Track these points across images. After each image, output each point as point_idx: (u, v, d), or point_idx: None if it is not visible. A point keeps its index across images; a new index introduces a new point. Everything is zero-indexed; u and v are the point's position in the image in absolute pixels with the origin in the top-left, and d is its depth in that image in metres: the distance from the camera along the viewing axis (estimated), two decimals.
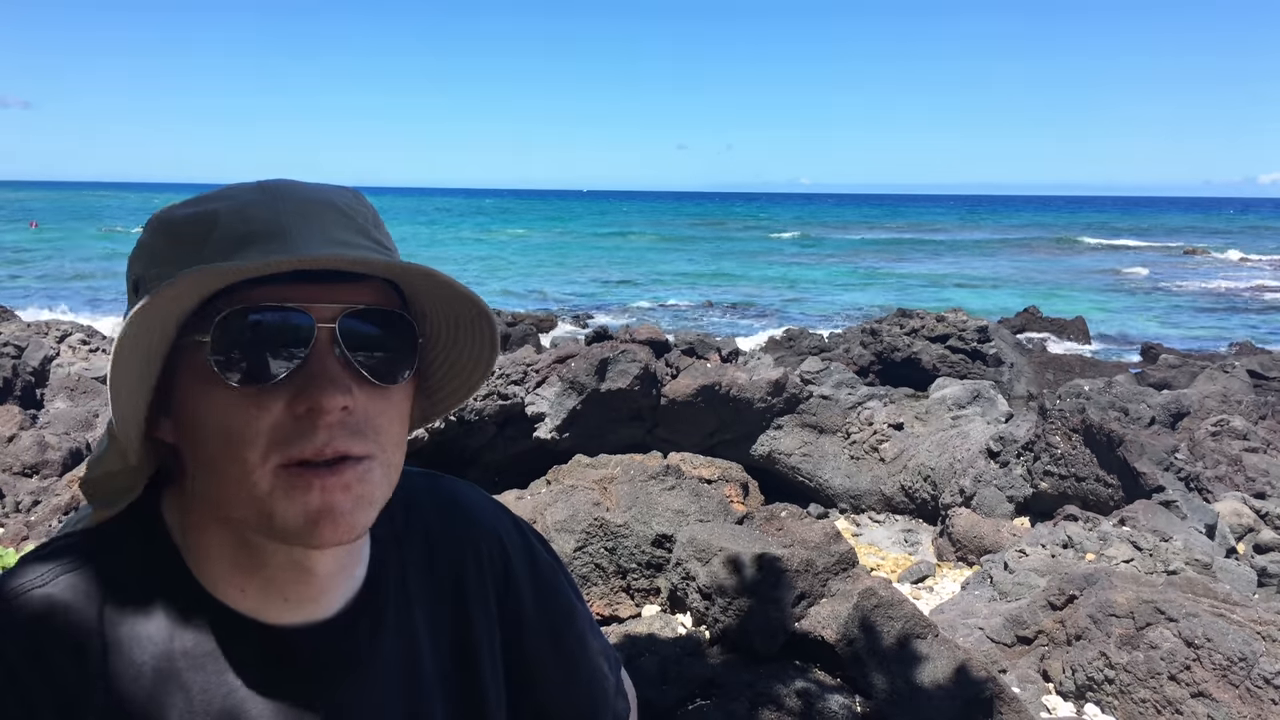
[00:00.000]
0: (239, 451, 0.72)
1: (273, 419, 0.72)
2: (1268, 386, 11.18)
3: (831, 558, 3.96)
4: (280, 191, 0.76)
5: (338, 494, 0.73)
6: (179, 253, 0.73)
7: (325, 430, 0.73)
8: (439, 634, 0.94)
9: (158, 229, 0.76)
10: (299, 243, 0.72)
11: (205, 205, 0.75)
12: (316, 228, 0.74)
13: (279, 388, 0.72)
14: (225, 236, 0.72)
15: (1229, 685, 3.72)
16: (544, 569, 1.06)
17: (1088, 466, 7.08)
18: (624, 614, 4.57)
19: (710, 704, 3.38)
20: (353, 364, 0.75)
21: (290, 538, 0.75)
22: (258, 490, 0.73)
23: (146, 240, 0.77)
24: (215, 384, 0.72)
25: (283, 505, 0.73)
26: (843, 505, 8.65)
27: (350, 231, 0.76)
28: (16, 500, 7.03)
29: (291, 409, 0.72)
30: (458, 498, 1.01)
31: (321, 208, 0.76)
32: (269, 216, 0.73)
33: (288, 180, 0.78)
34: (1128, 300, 29.39)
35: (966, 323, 12.68)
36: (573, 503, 4.79)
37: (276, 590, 0.81)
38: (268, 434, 0.72)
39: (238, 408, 0.72)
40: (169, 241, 0.75)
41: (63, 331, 10.21)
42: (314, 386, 0.72)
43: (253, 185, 0.77)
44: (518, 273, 36.62)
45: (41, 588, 0.76)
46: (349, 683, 0.84)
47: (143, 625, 0.77)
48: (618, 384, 8.30)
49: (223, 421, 0.72)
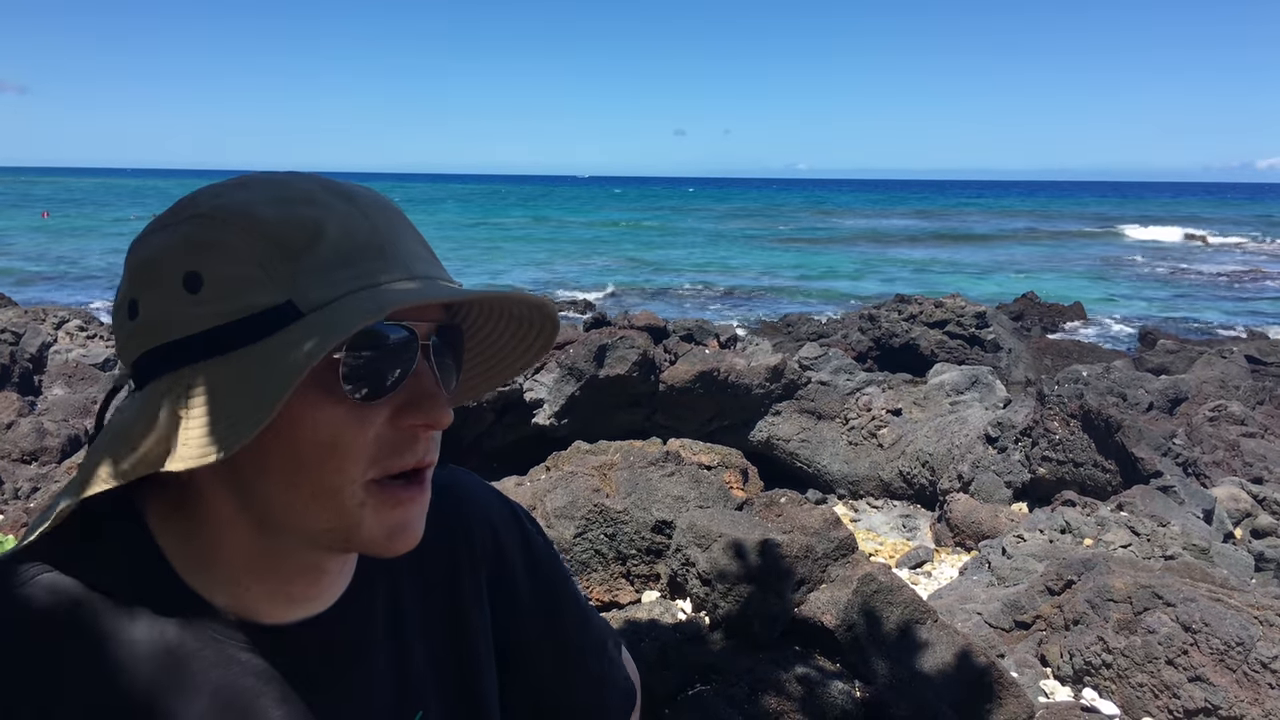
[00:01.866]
0: (344, 464, 0.73)
1: (376, 432, 0.74)
2: (1265, 371, 11.20)
3: (831, 543, 3.97)
4: (356, 198, 0.76)
5: (414, 509, 0.77)
6: (273, 257, 0.71)
7: (425, 442, 0.77)
8: (432, 622, 0.93)
9: (230, 226, 0.72)
10: (405, 260, 0.74)
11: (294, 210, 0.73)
12: (406, 243, 0.76)
13: (384, 403, 0.74)
14: (334, 247, 0.72)
15: (1226, 669, 3.74)
16: (540, 554, 1.05)
17: (1085, 452, 7.10)
18: (624, 600, 4.58)
19: (710, 689, 3.40)
20: (438, 378, 0.77)
21: (367, 547, 0.77)
22: (350, 502, 0.74)
23: (210, 235, 0.72)
24: (328, 397, 0.72)
25: (370, 520, 0.75)
26: (841, 491, 8.67)
27: (418, 243, 0.78)
28: (16, 487, 7.03)
29: (395, 422, 0.74)
30: (449, 483, 1.00)
31: (397, 218, 0.78)
32: (368, 229, 0.74)
33: (337, 181, 0.78)
34: (1126, 286, 29.41)
35: (965, 308, 12.69)
36: (572, 489, 4.80)
37: (283, 591, 0.80)
38: (371, 447, 0.73)
39: (347, 421, 0.72)
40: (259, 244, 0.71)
41: (60, 318, 10.19)
42: (425, 401, 0.75)
43: (317, 185, 0.76)
44: (515, 259, 36.57)
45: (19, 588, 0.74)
46: (340, 674, 0.84)
47: (125, 628, 0.75)
48: (616, 370, 8.30)
49: (332, 434, 0.72)
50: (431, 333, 0.76)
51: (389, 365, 0.73)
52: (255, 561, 0.78)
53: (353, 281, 0.71)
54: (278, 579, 0.80)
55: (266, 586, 0.80)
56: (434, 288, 0.73)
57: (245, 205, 0.73)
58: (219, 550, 0.78)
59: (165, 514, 0.79)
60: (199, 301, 0.70)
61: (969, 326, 12.49)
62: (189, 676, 0.76)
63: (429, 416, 0.75)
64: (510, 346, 0.90)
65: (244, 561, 0.78)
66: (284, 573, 0.80)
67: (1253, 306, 24.85)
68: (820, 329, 14.00)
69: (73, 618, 0.74)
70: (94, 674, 0.73)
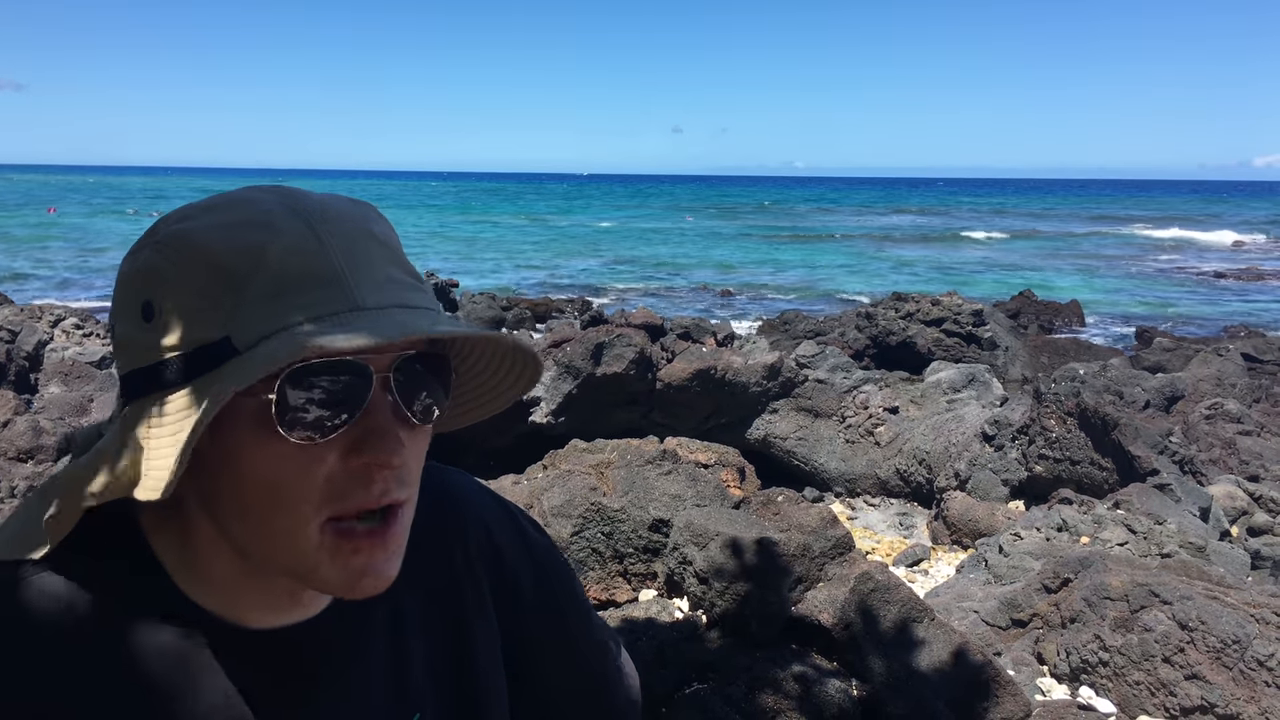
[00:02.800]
0: (291, 505, 0.70)
1: (327, 471, 0.70)
2: (1261, 370, 11.22)
3: (828, 542, 3.97)
4: (320, 221, 0.72)
5: (379, 554, 0.73)
6: (214, 288, 0.69)
7: (381, 482, 0.71)
8: (431, 626, 0.92)
9: (181, 254, 0.71)
10: (356, 289, 0.70)
11: (242, 235, 0.70)
12: (366, 267, 0.71)
13: (334, 440, 0.70)
14: (276, 277, 0.68)
15: (1223, 668, 3.74)
16: (539, 553, 1.04)
17: (1082, 450, 7.11)
18: (621, 598, 4.58)
19: (707, 688, 3.40)
20: (401, 410, 0.73)
21: (329, 590, 0.74)
22: (305, 545, 0.71)
23: (163, 263, 0.71)
24: (268, 435, 0.69)
25: (327, 565, 0.72)
26: (838, 489, 8.68)
27: (391, 266, 0.74)
28: (12, 486, 7.02)
29: (346, 461, 0.70)
30: (444, 487, 0.99)
31: (365, 241, 0.73)
32: (317, 252, 0.70)
33: (314, 198, 0.75)
34: (1122, 283, 29.44)
35: (961, 306, 12.70)
36: (569, 488, 4.80)
37: (270, 603, 0.80)
38: (322, 487, 0.70)
39: (292, 461, 0.69)
40: (204, 273, 0.69)
41: (56, 316, 10.17)
42: (375, 439, 0.70)
43: (280, 207, 0.73)
44: (512, 257, 36.54)
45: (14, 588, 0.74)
46: (333, 679, 0.83)
47: (120, 631, 0.75)
48: (613, 368, 8.30)
49: (276, 475, 0.69)
50: (394, 362, 0.71)
51: (332, 402, 0.69)
52: (240, 578, 0.78)
53: (288, 315, 0.67)
54: (264, 593, 0.79)
55: (254, 597, 0.79)
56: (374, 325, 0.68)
57: (196, 233, 0.71)
58: (205, 563, 0.78)
59: (158, 521, 0.79)
60: (153, 330, 0.70)
61: (966, 324, 12.50)
62: (184, 680, 0.76)
63: (377, 455, 0.70)
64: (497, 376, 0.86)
65: (229, 576, 0.78)
66: (270, 589, 0.79)
67: (1248, 304, 24.89)
68: (817, 327, 14.00)
69: (67, 620, 0.74)
70: (88, 676, 0.73)
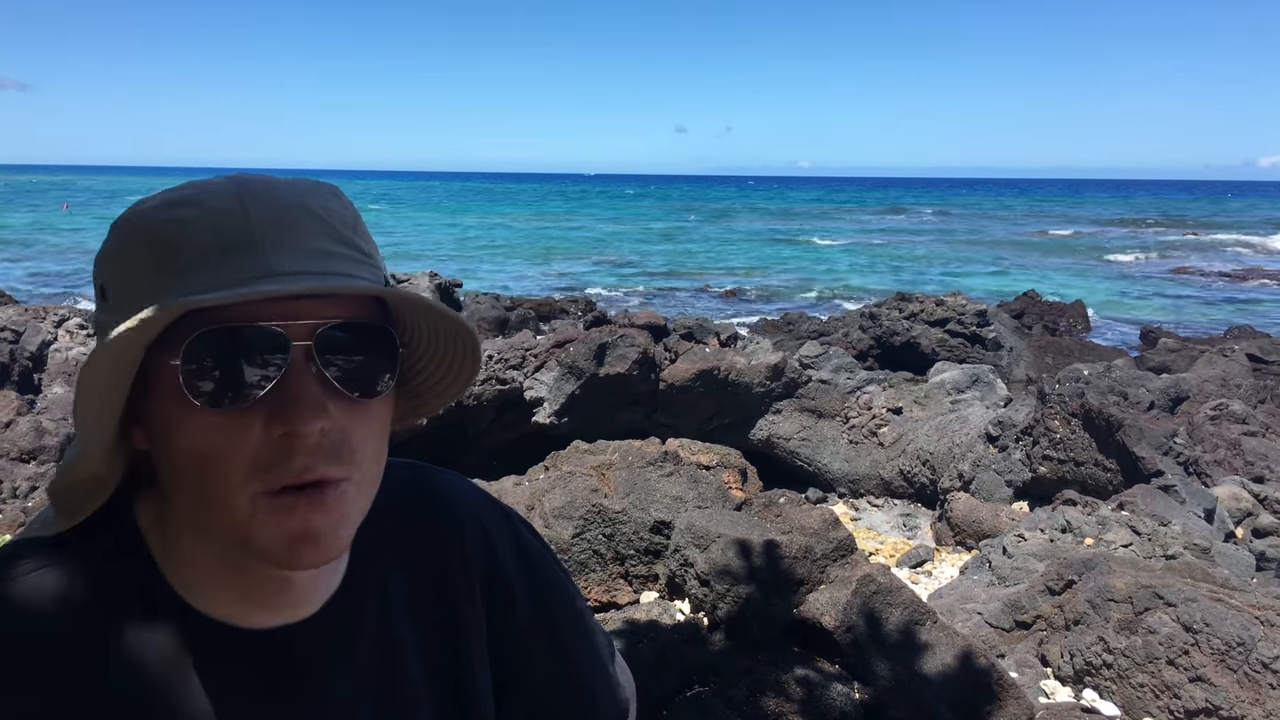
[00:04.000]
0: (218, 475, 0.70)
1: (252, 441, 0.69)
2: (1267, 370, 11.18)
3: (830, 544, 3.96)
4: (253, 196, 0.72)
5: (316, 516, 0.71)
6: (148, 263, 0.70)
7: (304, 454, 0.70)
8: (424, 630, 0.92)
9: (126, 234, 0.72)
10: (272, 256, 0.69)
11: (174, 211, 0.71)
12: (291, 237, 0.71)
13: (255, 409, 0.69)
14: (196, 248, 0.69)
15: (1227, 670, 3.72)
16: (534, 558, 1.04)
17: (1086, 451, 7.08)
18: (622, 600, 4.57)
19: (709, 690, 3.38)
20: (329, 380, 0.71)
21: (270, 560, 0.72)
22: (238, 515, 0.70)
23: (113, 245, 0.73)
24: (190, 406, 0.69)
25: (262, 529, 0.70)
26: (841, 489, 8.66)
27: (327, 239, 0.73)
28: (14, 486, 7.02)
29: (269, 432, 0.69)
30: (441, 490, 0.99)
31: (297, 213, 0.72)
32: (240, 225, 0.70)
33: (264, 179, 0.75)
34: (1127, 284, 29.38)
35: (965, 307, 12.67)
36: (570, 489, 4.79)
37: (255, 598, 0.79)
38: (249, 458, 0.69)
39: (214, 430, 0.69)
40: (138, 250, 0.71)
41: (60, 316, 10.18)
42: (291, 408, 0.69)
43: (227, 186, 0.73)
44: (516, 257, 36.56)
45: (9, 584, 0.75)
46: (328, 680, 0.83)
47: (113, 629, 0.75)
48: (616, 369, 8.29)
49: (200, 445, 0.69)
50: (316, 330, 0.71)
51: (244, 371, 0.69)
52: (217, 567, 0.78)
53: (198, 286, 0.67)
54: (243, 585, 0.79)
55: (236, 592, 0.79)
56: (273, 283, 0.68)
57: (139, 213, 0.73)
58: (186, 554, 0.78)
59: (152, 517, 0.79)
60: (108, 311, 0.72)
61: (970, 325, 12.47)
62: (172, 680, 0.76)
63: (293, 423, 0.69)
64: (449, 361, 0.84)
65: (207, 565, 0.78)
66: (247, 580, 0.78)
67: (1254, 304, 24.83)
68: (821, 327, 13.98)
69: (62, 615, 0.74)
70: (81, 671, 0.74)
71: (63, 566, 0.76)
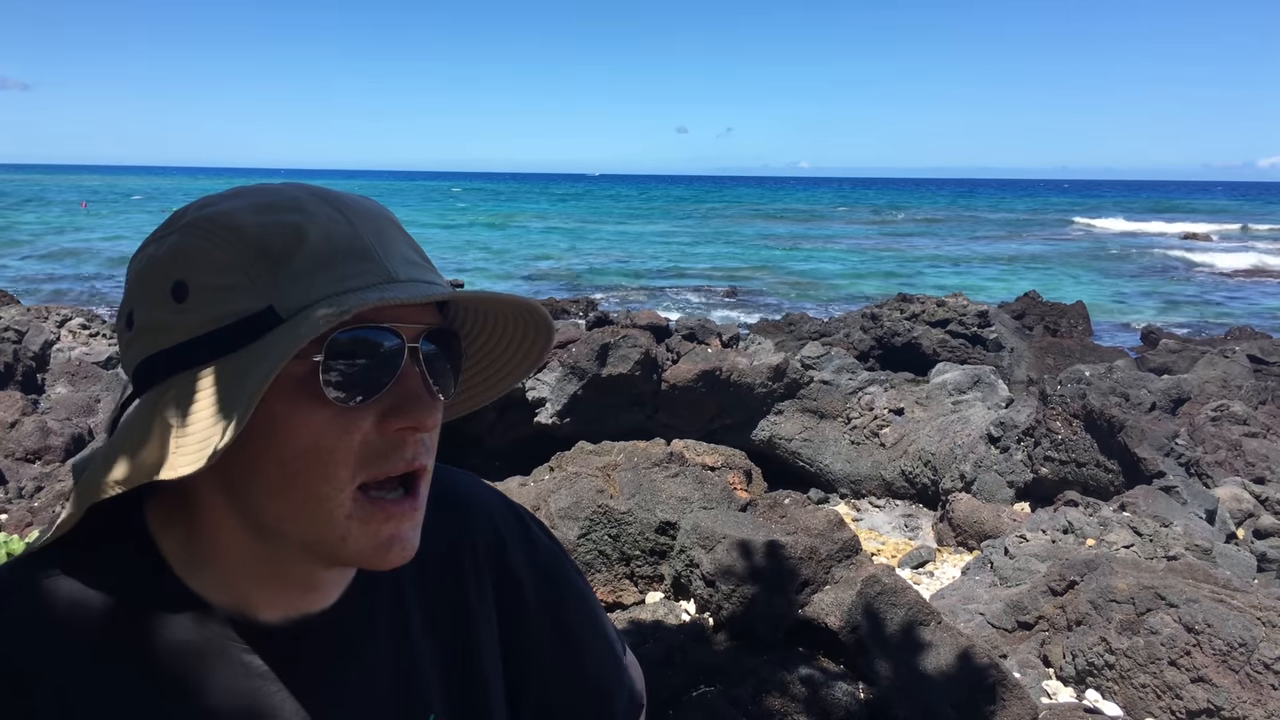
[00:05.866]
0: (329, 470, 0.73)
1: (362, 436, 0.73)
2: (1268, 371, 11.19)
3: (835, 545, 3.98)
4: (344, 205, 0.76)
5: (406, 523, 0.77)
6: (254, 265, 0.71)
7: (413, 446, 0.76)
8: (436, 626, 0.93)
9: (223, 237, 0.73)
10: (388, 263, 0.74)
11: (277, 216, 0.73)
12: (390, 246, 0.76)
13: (370, 406, 0.73)
14: (316, 252, 0.72)
15: (1229, 670, 3.74)
16: (544, 556, 1.05)
17: (1088, 452, 7.10)
18: (628, 601, 4.58)
19: (714, 690, 3.40)
20: (428, 382, 0.77)
21: (356, 560, 0.77)
22: (337, 513, 0.74)
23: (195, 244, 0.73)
24: (312, 402, 0.72)
25: (358, 533, 0.74)
26: (843, 490, 8.68)
27: (409, 248, 0.78)
28: (20, 486, 7.04)
29: (382, 427, 0.74)
30: (452, 488, 1.00)
31: (384, 223, 0.77)
32: (350, 234, 0.74)
33: (330, 190, 0.78)
34: (1128, 285, 29.38)
35: (967, 307, 12.68)
36: (576, 490, 4.80)
37: (280, 595, 0.81)
38: (358, 451, 0.73)
39: (332, 426, 0.72)
40: (245, 252, 0.72)
41: (63, 316, 10.20)
42: (411, 404, 0.75)
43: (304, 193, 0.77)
44: (518, 257, 36.57)
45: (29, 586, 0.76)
46: (342, 673, 0.85)
47: (127, 630, 0.76)
48: (619, 369, 8.31)
49: (315, 439, 0.72)
50: (420, 335, 0.76)
51: (372, 369, 0.72)
52: (251, 565, 0.79)
53: (332, 285, 0.71)
54: (275, 583, 0.80)
55: (264, 589, 0.80)
56: (411, 288, 0.72)
57: (228, 214, 0.74)
58: (217, 553, 0.79)
59: (164, 518, 0.80)
60: (185, 310, 0.72)
61: (971, 326, 12.48)
62: (192, 676, 0.77)
63: (414, 419, 0.74)
64: (508, 353, 0.90)
65: (240, 565, 0.79)
66: (281, 578, 0.80)
67: (1253, 305, 24.83)
68: (822, 328, 13.99)
69: (76, 621, 0.75)
70: (96, 675, 0.75)
71: (78, 568, 0.77)
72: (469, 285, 16.82)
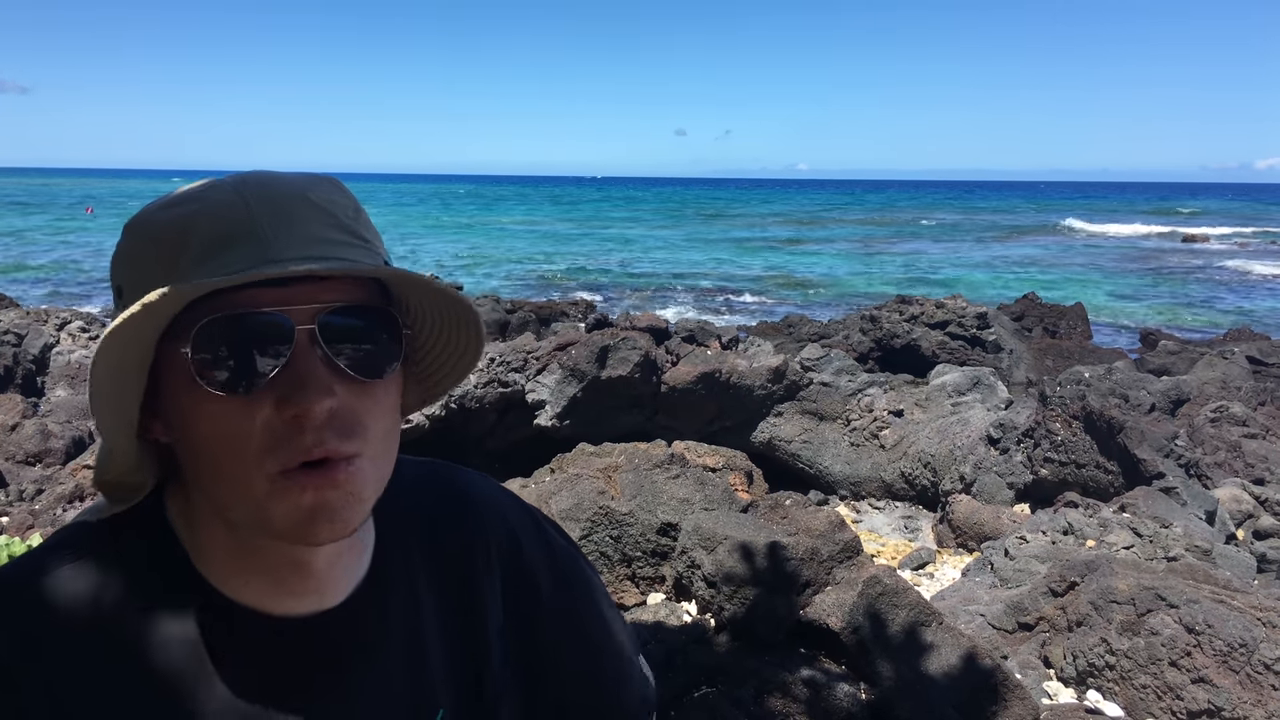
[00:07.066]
0: (235, 458, 0.72)
1: (262, 423, 0.72)
2: (1267, 372, 11.21)
3: (836, 546, 3.99)
4: (255, 190, 0.74)
5: (329, 491, 0.73)
6: (158, 260, 0.72)
7: (313, 432, 0.72)
8: (448, 625, 0.94)
9: (136, 234, 0.75)
10: (274, 245, 0.72)
11: (180, 208, 0.74)
12: (291, 227, 0.73)
13: (265, 392, 0.72)
14: (202, 241, 0.71)
15: (1229, 671, 3.75)
16: (560, 556, 1.05)
17: (1088, 453, 7.11)
18: (629, 602, 4.59)
19: (716, 691, 3.41)
20: (334, 363, 0.74)
21: (288, 536, 0.75)
22: (254, 493, 0.73)
23: (125, 246, 0.76)
24: (201, 391, 0.72)
25: (278, 506, 0.73)
26: (843, 492, 8.68)
27: (328, 227, 0.75)
28: (20, 489, 7.03)
29: (279, 413, 0.72)
30: (466, 488, 1.01)
31: (296, 203, 0.75)
32: (242, 218, 0.72)
33: (266, 174, 0.77)
34: (1127, 286, 29.40)
35: (966, 309, 12.69)
36: (577, 491, 4.81)
37: (278, 584, 0.82)
38: (260, 439, 0.72)
39: (226, 415, 0.72)
40: (148, 248, 0.74)
41: (62, 319, 10.20)
42: (298, 390, 0.72)
43: (229, 182, 0.76)
44: (517, 259, 36.57)
45: (39, 578, 0.77)
46: (354, 670, 0.85)
47: (145, 618, 0.78)
48: (618, 371, 8.31)
49: (213, 429, 0.72)
50: (317, 315, 0.73)
51: (251, 356, 0.71)
52: (240, 554, 0.80)
53: (212, 272, 0.70)
54: (265, 572, 0.81)
55: (261, 579, 0.81)
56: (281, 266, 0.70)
57: (147, 213, 0.76)
58: (213, 543, 0.80)
59: (179, 508, 0.82)
60: (121, 309, 0.73)
61: (970, 327, 12.49)
62: (205, 663, 0.78)
63: (299, 406, 0.71)
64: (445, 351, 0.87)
65: (232, 553, 0.80)
66: (268, 567, 0.81)
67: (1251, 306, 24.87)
68: (821, 330, 13.99)
69: (94, 606, 0.77)
70: (96, 670, 0.76)
71: (95, 559, 0.79)
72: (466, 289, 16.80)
